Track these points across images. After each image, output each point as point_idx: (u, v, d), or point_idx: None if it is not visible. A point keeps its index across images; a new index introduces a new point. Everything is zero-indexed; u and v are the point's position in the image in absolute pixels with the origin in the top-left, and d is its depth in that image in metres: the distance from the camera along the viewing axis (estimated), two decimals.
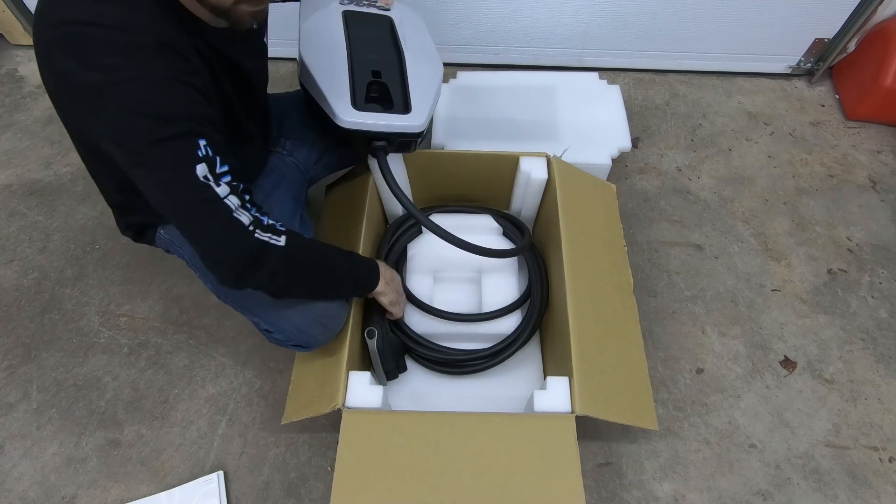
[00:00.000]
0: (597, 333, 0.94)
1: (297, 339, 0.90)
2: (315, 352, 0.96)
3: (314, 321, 0.89)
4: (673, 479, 1.03)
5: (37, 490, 1.01)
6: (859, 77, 1.55)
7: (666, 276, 1.28)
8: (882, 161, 1.50)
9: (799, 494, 1.01)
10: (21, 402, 1.11)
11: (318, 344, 0.93)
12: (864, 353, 1.18)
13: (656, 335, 1.19)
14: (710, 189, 1.44)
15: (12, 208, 1.39)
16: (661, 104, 1.63)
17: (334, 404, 0.85)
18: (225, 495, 1.00)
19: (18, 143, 1.51)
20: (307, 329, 0.89)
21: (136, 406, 1.10)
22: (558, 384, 0.87)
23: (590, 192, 1.15)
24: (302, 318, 0.88)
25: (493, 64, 1.68)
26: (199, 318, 1.21)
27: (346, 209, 1.11)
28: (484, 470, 0.81)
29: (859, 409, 1.11)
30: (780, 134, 1.56)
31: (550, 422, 0.84)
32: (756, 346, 1.18)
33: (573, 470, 0.80)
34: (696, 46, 1.62)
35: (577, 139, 1.33)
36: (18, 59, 1.73)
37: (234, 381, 1.13)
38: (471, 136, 1.34)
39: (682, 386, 1.13)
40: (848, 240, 1.35)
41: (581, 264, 1.00)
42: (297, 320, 0.88)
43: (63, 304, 1.23)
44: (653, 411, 0.94)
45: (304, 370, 0.98)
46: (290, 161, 1.07)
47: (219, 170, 0.68)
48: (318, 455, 1.05)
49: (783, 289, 1.27)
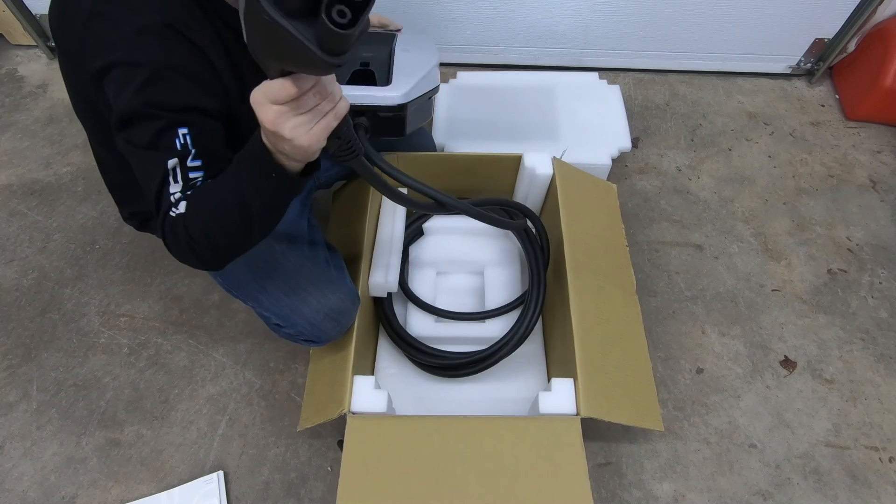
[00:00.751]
0: (600, 334, 0.94)
1: (308, 334, 0.91)
2: (326, 354, 0.96)
3: (326, 316, 0.89)
4: (673, 479, 1.03)
5: (37, 490, 1.01)
6: (859, 77, 1.55)
7: (666, 276, 1.28)
8: (882, 161, 1.50)
9: (799, 494, 1.01)
10: (21, 402, 1.11)
11: (329, 339, 0.93)
12: (864, 353, 1.18)
13: (656, 335, 1.19)
14: (710, 189, 1.44)
15: (12, 208, 1.39)
16: (661, 104, 1.63)
17: (341, 409, 0.85)
18: (225, 495, 1.00)
19: (18, 143, 1.51)
20: (319, 324, 0.89)
21: (136, 406, 1.10)
22: (563, 386, 0.87)
23: (591, 192, 1.15)
24: (314, 313, 0.89)
25: (493, 64, 1.68)
26: (199, 318, 1.21)
27: (352, 213, 1.11)
28: (490, 473, 0.80)
29: (859, 409, 1.11)
30: (780, 134, 1.56)
31: (556, 424, 0.84)
32: (756, 346, 1.18)
33: (580, 472, 0.80)
34: (696, 46, 1.62)
35: (577, 139, 1.33)
36: (18, 59, 1.73)
37: (234, 381, 1.13)
38: (471, 137, 1.34)
39: (682, 386, 1.13)
40: (848, 240, 1.35)
41: (584, 265, 1.00)
42: (309, 315, 0.89)
43: (63, 304, 1.23)
44: (657, 412, 0.94)
45: (317, 373, 0.98)
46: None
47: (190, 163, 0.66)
48: (318, 455, 1.05)
49: (783, 289, 1.27)
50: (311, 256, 0.92)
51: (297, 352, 1.16)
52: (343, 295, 0.91)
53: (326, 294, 0.89)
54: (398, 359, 1.12)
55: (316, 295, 0.89)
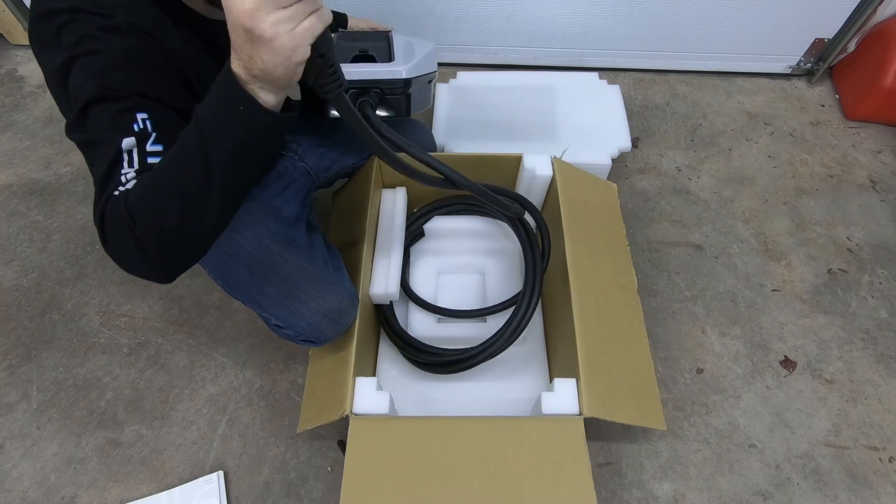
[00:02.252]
0: (602, 334, 0.94)
1: (307, 334, 0.90)
2: (326, 355, 0.96)
3: (324, 317, 0.89)
4: (673, 479, 1.03)
5: (37, 490, 1.01)
6: (859, 77, 1.55)
7: (666, 276, 1.29)
8: (882, 161, 1.50)
9: (799, 494, 1.01)
10: (21, 402, 1.11)
11: (328, 339, 0.93)
12: (864, 353, 1.18)
13: (656, 335, 1.19)
14: (710, 189, 1.44)
15: (12, 208, 1.39)
16: (661, 104, 1.63)
17: (343, 410, 0.85)
18: (225, 495, 1.00)
19: (18, 143, 1.51)
20: (317, 325, 0.89)
21: (136, 406, 1.10)
22: (566, 386, 0.87)
23: (591, 191, 1.15)
24: (312, 314, 0.88)
25: (493, 64, 1.68)
26: (199, 318, 1.21)
27: (352, 213, 1.11)
28: (493, 474, 0.80)
29: (859, 409, 1.11)
30: (780, 134, 1.56)
31: (559, 424, 0.84)
32: (756, 346, 1.18)
33: (583, 472, 0.80)
34: (696, 46, 1.62)
35: (577, 139, 1.33)
36: (18, 59, 1.73)
37: (234, 381, 1.13)
38: (471, 137, 1.34)
39: (682, 386, 1.13)
40: (848, 240, 1.35)
41: (585, 264, 1.00)
42: (308, 316, 0.88)
43: (63, 304, 1.23)
44: (660, 411, 0.93)
45: (317, 375, 0.97)
46: (300, 166, 1.07)
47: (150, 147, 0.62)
48: (318, 455, 1.05)
49: (783, 289, 1.27)
50: (309, 257, 0.92)
51: (297, 352, 1.16)
52: (341, 296, 0.91)
53: (325, 295, 0.89)
54: (400, 360, 1.12)
55: (314, 296, 0.89)
